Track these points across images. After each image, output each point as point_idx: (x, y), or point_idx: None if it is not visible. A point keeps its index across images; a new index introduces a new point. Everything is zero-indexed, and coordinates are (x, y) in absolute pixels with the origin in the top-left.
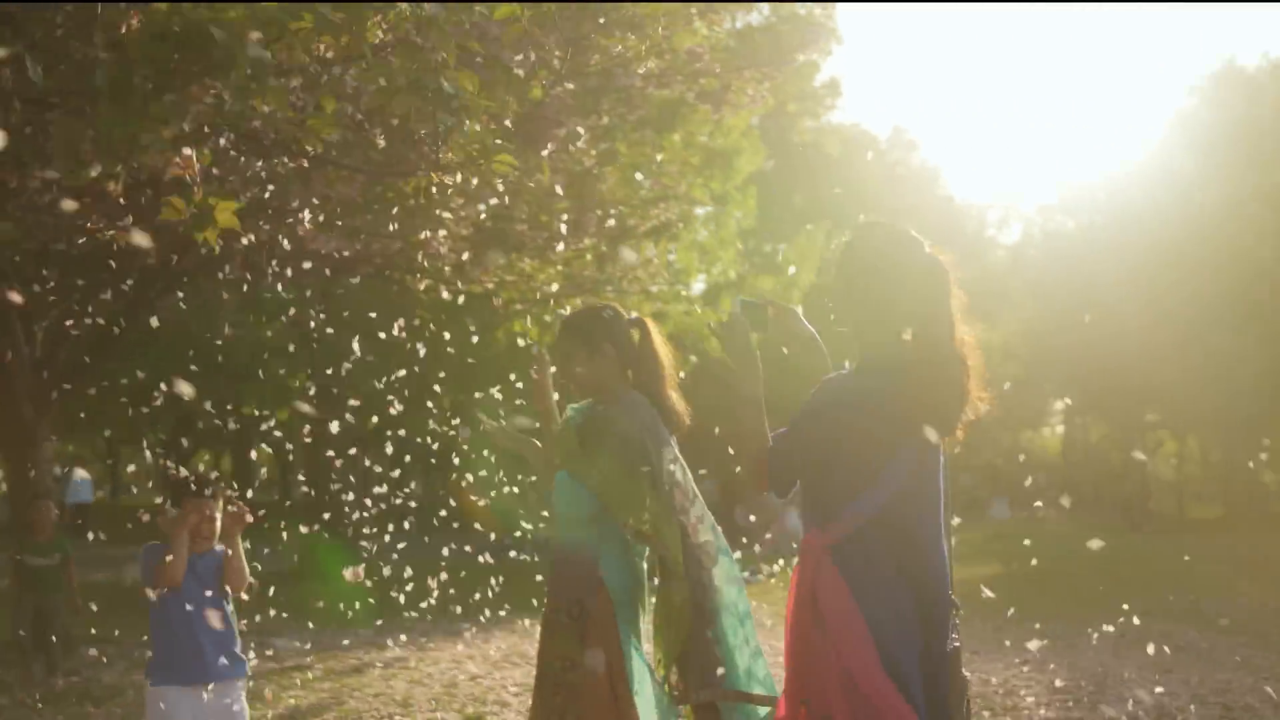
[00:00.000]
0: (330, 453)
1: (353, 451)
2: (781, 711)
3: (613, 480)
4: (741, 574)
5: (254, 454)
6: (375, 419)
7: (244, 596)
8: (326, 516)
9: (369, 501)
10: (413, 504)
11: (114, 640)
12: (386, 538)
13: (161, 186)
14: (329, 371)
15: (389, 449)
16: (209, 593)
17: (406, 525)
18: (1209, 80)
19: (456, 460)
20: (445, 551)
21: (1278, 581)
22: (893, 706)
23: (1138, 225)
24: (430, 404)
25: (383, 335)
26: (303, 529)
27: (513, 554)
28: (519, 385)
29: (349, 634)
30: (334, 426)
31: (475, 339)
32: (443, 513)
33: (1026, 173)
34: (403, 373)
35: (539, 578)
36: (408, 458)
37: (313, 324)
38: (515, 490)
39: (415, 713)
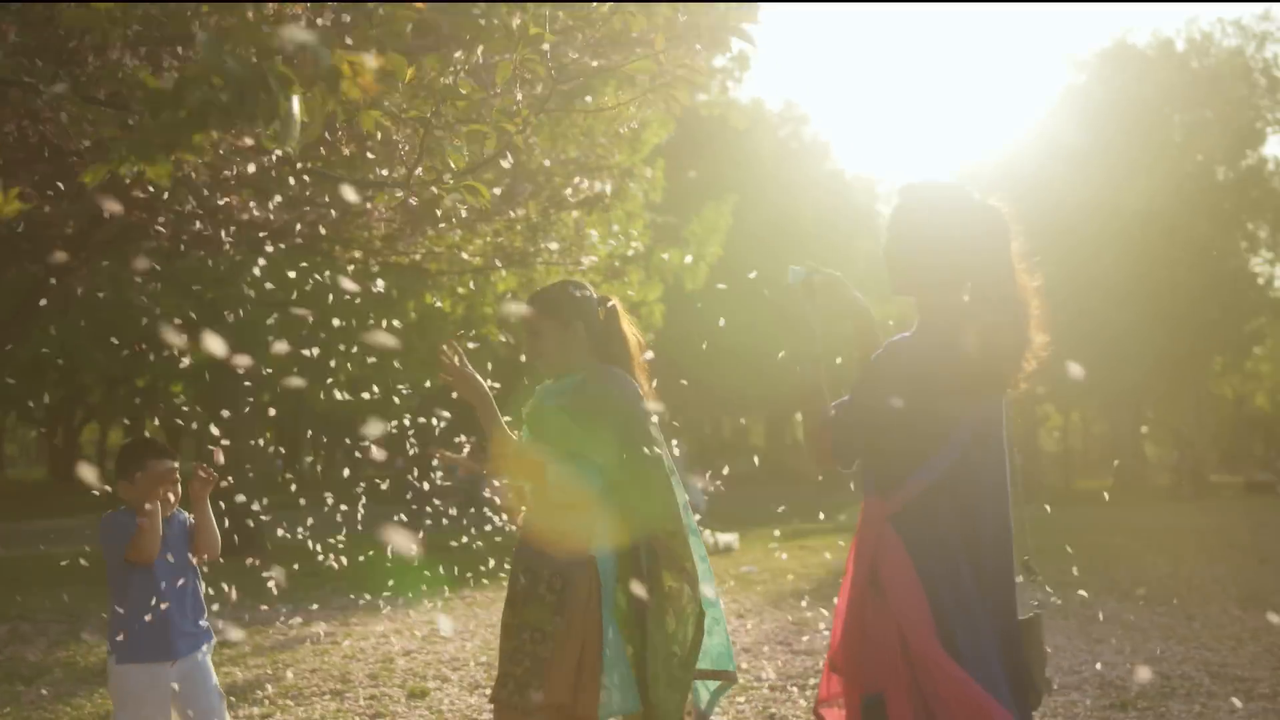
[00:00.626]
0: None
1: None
2: (833, 688)
3: (621, 457)
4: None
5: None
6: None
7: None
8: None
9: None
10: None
11: (29, 617)
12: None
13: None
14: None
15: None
16: (179, 561)
17: (301, 501)
18: (1099, 57)
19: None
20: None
21: (1180, 551)
22: (949, 675)
23: (1028, 199)
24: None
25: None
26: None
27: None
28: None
29: (268, 610)
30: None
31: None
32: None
33: (916, 146)
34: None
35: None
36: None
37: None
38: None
39: (357, 688)
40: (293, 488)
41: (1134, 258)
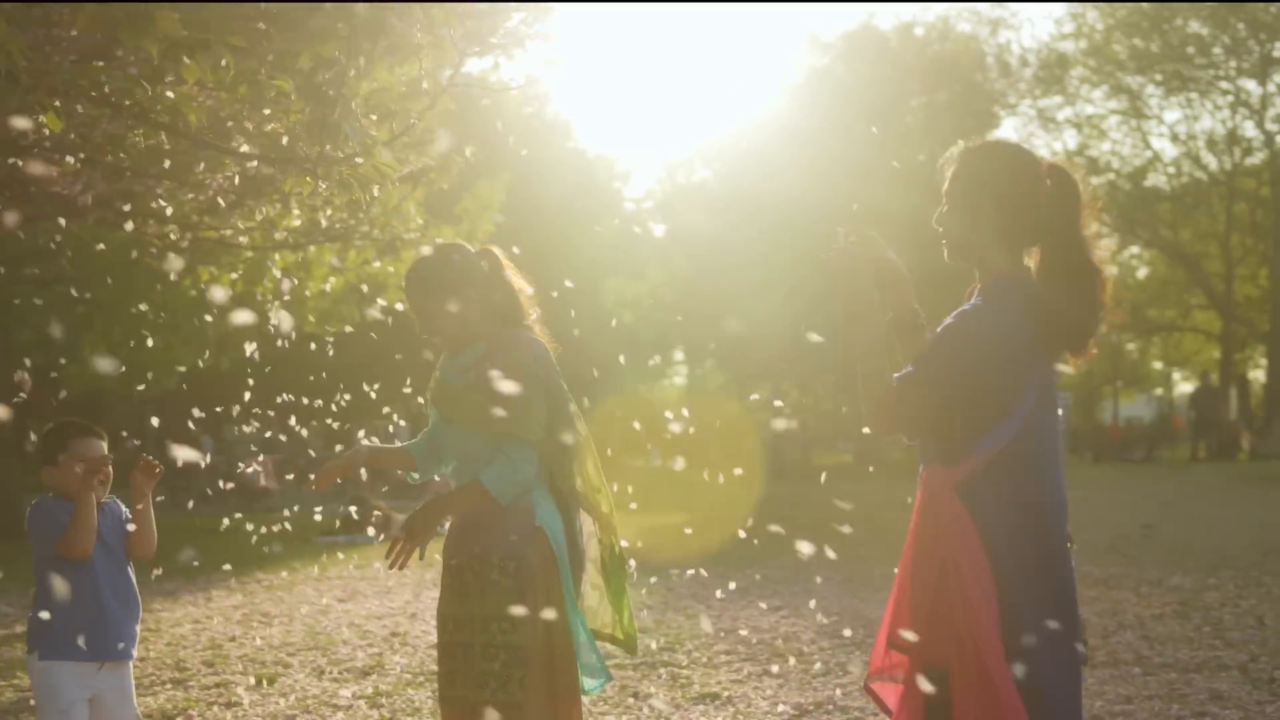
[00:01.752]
0: None
1: None
2: (888, 661)
3: (549, 424)
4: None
5: None
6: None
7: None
8: None
9: None
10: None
11: None
12: None
13: None
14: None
15: None
16: (116, 553)
17: None
18: (844, 39)
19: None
20: None
21: None
22: (989, 681)
23: (772, 179)
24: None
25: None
26: None
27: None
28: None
29: None
30: None
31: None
32: None
33: (658, 124)
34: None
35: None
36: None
37: None
38: None
39: (197, 676)
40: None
41: (888, 236)
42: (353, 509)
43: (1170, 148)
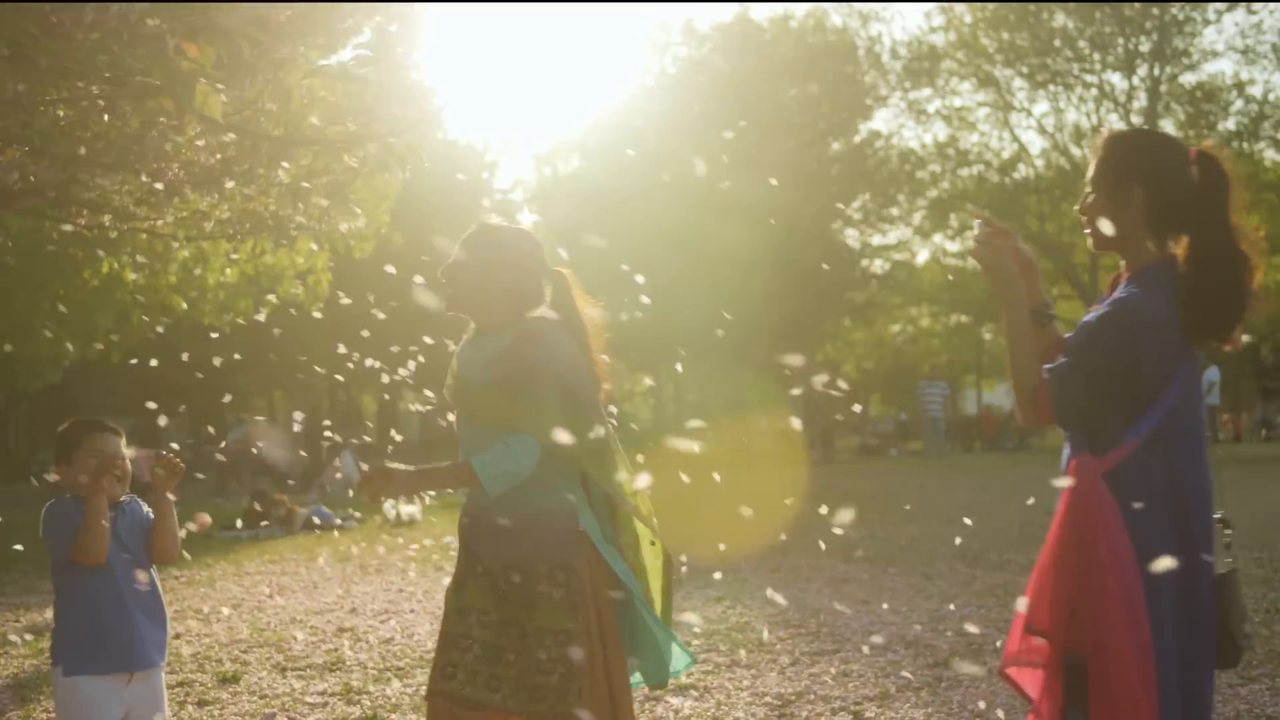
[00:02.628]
0: None
1: None
2: (1025, 646)
3: (576, 426)
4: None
5: None
6: None
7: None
8: None
9: None
10: None
11: None
12: None
13: None
14: None
15: None
16: (137, 556)
17: None
18: (719, 30)
19: None
20: None
21: (859, 512)
22: (1126, 675)
23: (657, 169)
24: None
25: None
26: None
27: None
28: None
29: None
30: None
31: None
32: None
33: (531, 116)
34: None
35: None
36: None
37: None
38: None
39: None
40: None
41: (748, 226)
42: (254, 502)
43: (1038, 140)
